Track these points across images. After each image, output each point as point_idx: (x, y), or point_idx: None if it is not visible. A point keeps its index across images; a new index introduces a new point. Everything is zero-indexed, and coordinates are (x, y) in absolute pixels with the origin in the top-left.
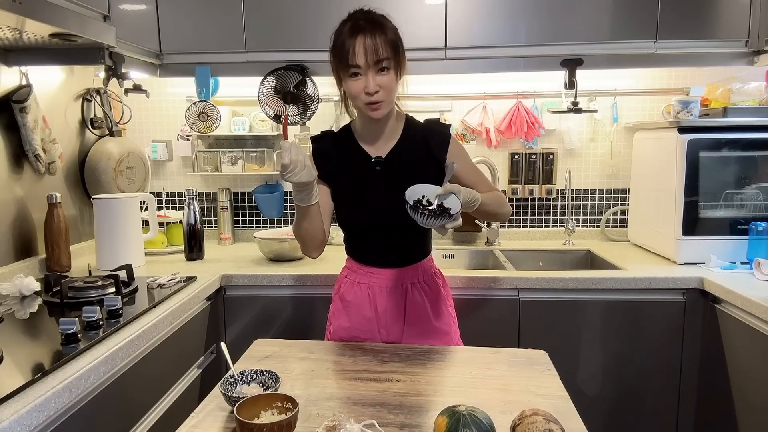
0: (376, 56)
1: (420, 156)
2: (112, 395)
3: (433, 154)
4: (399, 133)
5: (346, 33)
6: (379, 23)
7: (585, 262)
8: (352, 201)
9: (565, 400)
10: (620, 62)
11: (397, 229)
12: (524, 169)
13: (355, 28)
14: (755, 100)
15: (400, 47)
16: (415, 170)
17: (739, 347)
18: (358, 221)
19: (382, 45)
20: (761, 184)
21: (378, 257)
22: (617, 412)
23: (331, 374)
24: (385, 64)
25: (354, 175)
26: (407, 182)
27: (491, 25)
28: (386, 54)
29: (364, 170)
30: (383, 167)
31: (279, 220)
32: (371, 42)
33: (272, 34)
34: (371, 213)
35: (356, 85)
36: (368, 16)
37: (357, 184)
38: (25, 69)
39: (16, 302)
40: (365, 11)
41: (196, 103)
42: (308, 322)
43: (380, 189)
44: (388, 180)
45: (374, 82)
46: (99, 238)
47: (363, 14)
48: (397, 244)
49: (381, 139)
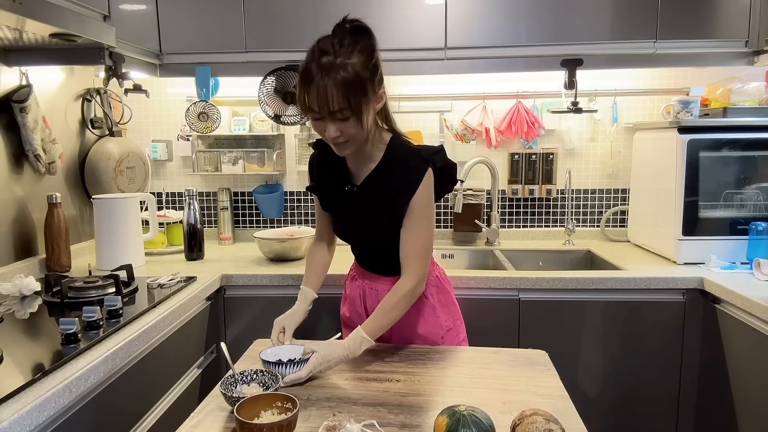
0: (330, 107)
1: (388, 187)
2: (112, 395)
3: (397, 190)
4: (377, 159)
5: (309, 70)
6: (340, 67)
7: (585, 262)
8: (335, 215)
9: (565, 400)
10: (620, 62)
11: (378, 248)
12: (524, 169)
13: (316, 67)
14: (755, 100)
15: (366, 88)
16: (385, 200)
17: (739, 347)
18: (341, 235)
19: (337, 95)
20: (761, 184)
21: (367, 264)
22: (617, 412)
23: (331, 374)
24: (341, 115)
25: (333, 194)
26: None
27: (491, 25)
28: (341, 105)
29: (341, 191)
30: (355, 194)
31: (279, 220)
32: (323, 91)
33: (272, 34)
34: (348, 230)
35: (317, 126)
36: (333, 53)
37: (336, 202)
38: (25, 69)
39: (16, 302)
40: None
41: (196, 103)
42: (308, 322)
43: (354, 213)
44: (361, 206)
45: (334, 128)
46: (99, 238)
47: (331, 45)
48: (380, 258)
49: (360, 164)
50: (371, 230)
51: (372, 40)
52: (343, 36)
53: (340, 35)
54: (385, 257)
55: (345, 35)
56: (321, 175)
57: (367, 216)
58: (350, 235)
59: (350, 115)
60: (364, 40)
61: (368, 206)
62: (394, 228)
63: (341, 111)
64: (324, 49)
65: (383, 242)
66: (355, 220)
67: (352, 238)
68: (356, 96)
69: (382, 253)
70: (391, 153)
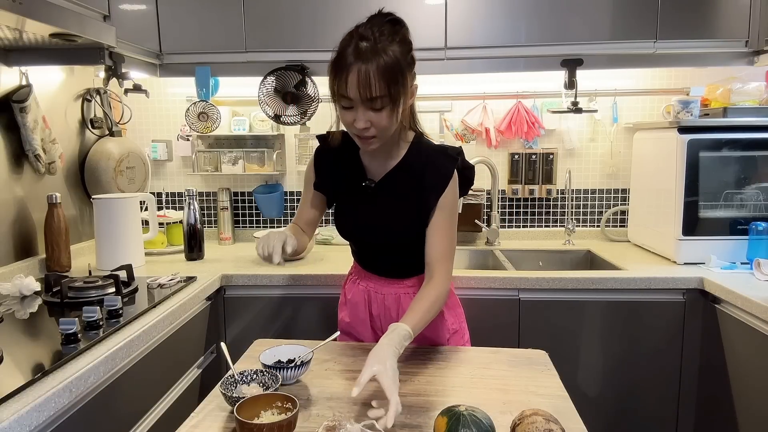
0: (368, 94)
1: (413, 186)
2: (112, 395)
3: (426, 190)
4: (400, 157)
5: (345, 55)
6: (379, 51)
7: (585, 262)
8: (346, 213)
9: (565, 400)
10: (620, 62)
11: (389, 248)
12: (524, 169)
13: (355, 52)
14: (755, 100)
15: (405, 78)
16: (407, 199)
17: (739, 347)
18: (350, 235)
19: (377, 81)
20: (761, 184)
21: (373, 266)
22: (617, 412)
23: (331, 374)
24: (379, 103)
25: (347, 190)
26: (398, 208)
27: (491, 25)
28: (381, 92)
29: (357, 188)
30: (373, 190)
31: (279, 220)
32: (365, 76)
33: (272, 34)
34: (361, 230)
35: (346, 115)
36: (374, 36)
37: (349, 199)
38: (25, 69)
39: (16, 302)
40: (379, 23)
41: (196, 103)
42: (308, 322)
43: (370, 210)
44: (379, 203)
45: (365, 118)
46: (99, 238)
47: (371, 30)
48: (390, 259)
49: (379, 160)
50: (388, 230)
51: (408, 33)
52: (382, 25)
53: (379, 24)
54: (395, 259)
55: (383, 24)
56: (330, 171)
57: (386, 214)
58: (362, 234)
59: (387, 104)
60: (403, 31)
61: (387, 204)
62: (414, 228)
63: (380, 98)
64: (364, 35)
65: (396, 243)
66: (370, 218)
67: (364, 238)
68: (395, 85)
69: (393, 254)
70: (417, 151)
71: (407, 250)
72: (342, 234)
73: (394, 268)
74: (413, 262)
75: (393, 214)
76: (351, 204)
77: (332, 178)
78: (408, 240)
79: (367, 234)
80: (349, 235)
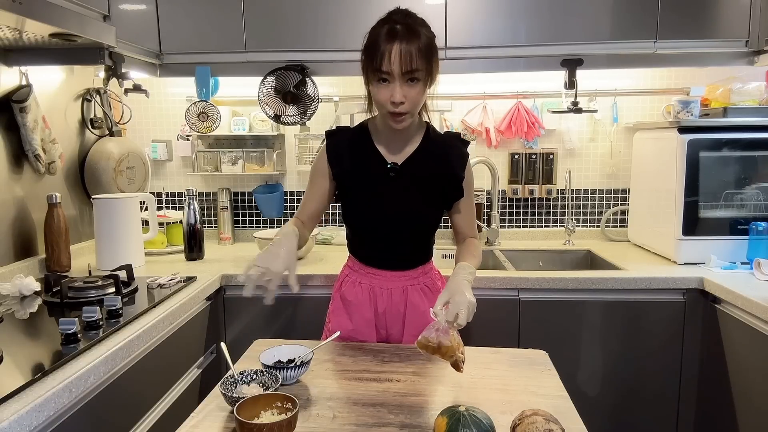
0: (409, 66)
1: (438, 168)
2: (112, 395)
3: (453, 169)
4: (418, 141)
5: (382, 35)
6: (417, 30)
7: (585, 262)
8: (363, 203)
9: (565, 400)
10: (620, 62)
11: (404, 235)
12: (524, 169)
13: (392, 32)
14: (755, 100)
15: (435, 57)
16: (431, 181)
17: (739, 347)
18: (368, 224)
19: (417, 55)
20: (761, 184)
21: (381, 259)
22: (617, 412)
23: (331, 374)
24: (417, 75)
25: (367, 178)
26: (423, 191)
27: (491, 25)
28: (419, 65)
29: (379, 174)
30: (398, 174)
31: (279, 220)
32: (406, 50)
33: (272, 34)
34: (381, 218)
35: (383, 92)
36: (407, 21)
37: (369, 187)
38: (25, 69)
39: (16, 302)
40: (405, 13)
41: (196, 103)
42: (308, 322)
43: (393, 195)
44: (403, 187)
45: (401, 92)
46: (99, 238)
47: (403, 17)
48: (402, 249)
49: (398, 144)
50: (411, 213)
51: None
52: (408, 13)
53: (406, 14)
54: (407, 248)
55: (409, 14)
56: (347, 160)
57: (410, 198)
58: (382, 222)
59: (424, 77)
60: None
61: (411, 186)
62: (435, 211)
63: (419, 72)
64: (397, 19)
65: (414, 229)
66: (393, 203)
67: (384, 226)
68: (430, 60)
69: (407, 243)
70: (434, 135)
71: (421, 238)
72: (357, 226)
73: (404, 258)
74: (422, 247)
75: (417, 197)
76: (371, 191)
77: (351, 167)
78: (427, 223)
79: (388, 221)
80: (367, 224)
